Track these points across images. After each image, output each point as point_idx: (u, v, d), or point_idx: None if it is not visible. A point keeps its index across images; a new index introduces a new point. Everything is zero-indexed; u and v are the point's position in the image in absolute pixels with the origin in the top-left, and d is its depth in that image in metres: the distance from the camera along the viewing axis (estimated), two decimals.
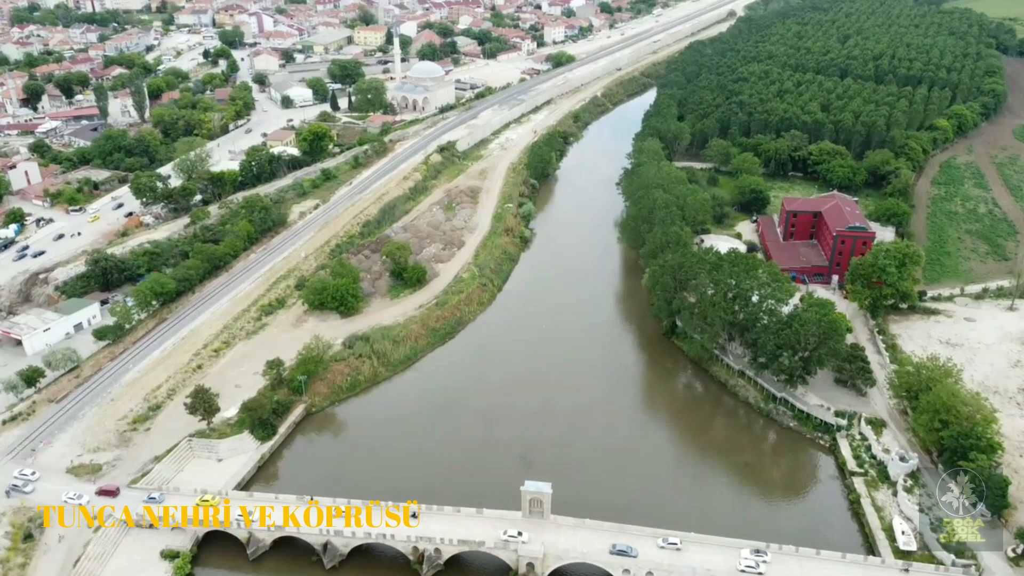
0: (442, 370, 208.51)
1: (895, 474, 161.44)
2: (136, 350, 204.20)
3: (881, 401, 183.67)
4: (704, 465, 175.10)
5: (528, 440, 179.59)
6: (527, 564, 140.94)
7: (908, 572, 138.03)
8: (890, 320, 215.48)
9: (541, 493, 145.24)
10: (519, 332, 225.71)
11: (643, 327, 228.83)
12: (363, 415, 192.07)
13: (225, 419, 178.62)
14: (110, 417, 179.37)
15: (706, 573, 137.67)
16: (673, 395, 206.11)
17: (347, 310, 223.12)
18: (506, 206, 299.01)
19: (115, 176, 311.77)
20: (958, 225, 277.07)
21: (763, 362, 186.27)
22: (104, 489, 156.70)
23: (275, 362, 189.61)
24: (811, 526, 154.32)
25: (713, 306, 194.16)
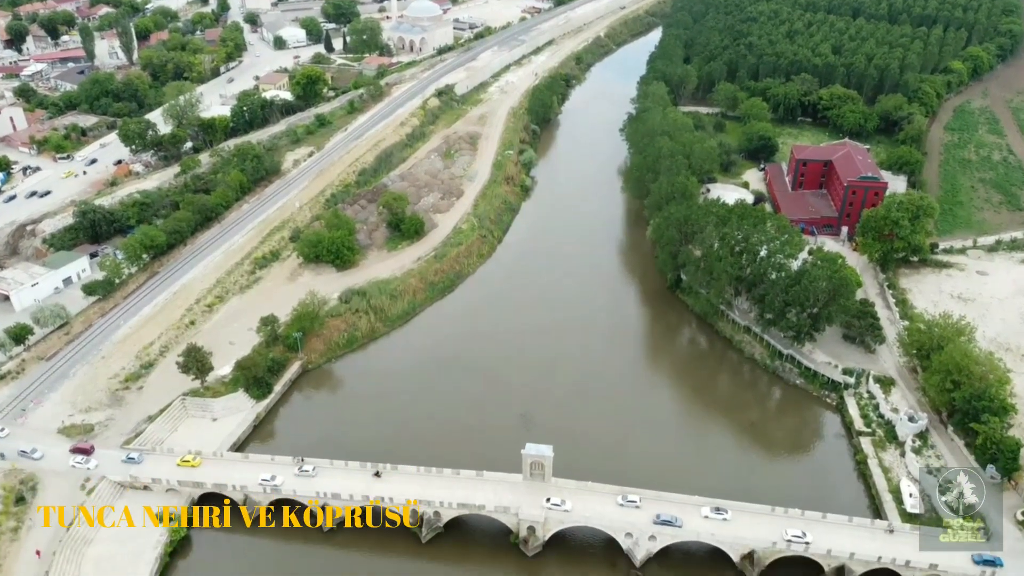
0: (441, 326, 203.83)
1: (903, 434, 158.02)
2: (127, 305, 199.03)
3: (890, 358, 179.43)
4: (709, 424, 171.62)
5: (529, 398, 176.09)
6: (528, 527, 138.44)
7: (892, 532, 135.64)
8: (900, 274, 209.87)
9: (542, 456, 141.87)
10: (519, 286, 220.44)
11: (647, 280, 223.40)
12: (360, 372, 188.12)
13: (219, 377, 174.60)
14: (101, 375, 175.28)
15: (710, 536, 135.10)
16: (677, 351, 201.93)
17: (343, 263, 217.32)
18: (506, 153, 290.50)
19: (103, 122, 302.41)
20: (971, 173, 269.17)
21: (770, 319, 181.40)
22: (78, 447, 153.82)
23: (269, 318, 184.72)
24: (817, 488, 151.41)
25: (719, 260, 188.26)
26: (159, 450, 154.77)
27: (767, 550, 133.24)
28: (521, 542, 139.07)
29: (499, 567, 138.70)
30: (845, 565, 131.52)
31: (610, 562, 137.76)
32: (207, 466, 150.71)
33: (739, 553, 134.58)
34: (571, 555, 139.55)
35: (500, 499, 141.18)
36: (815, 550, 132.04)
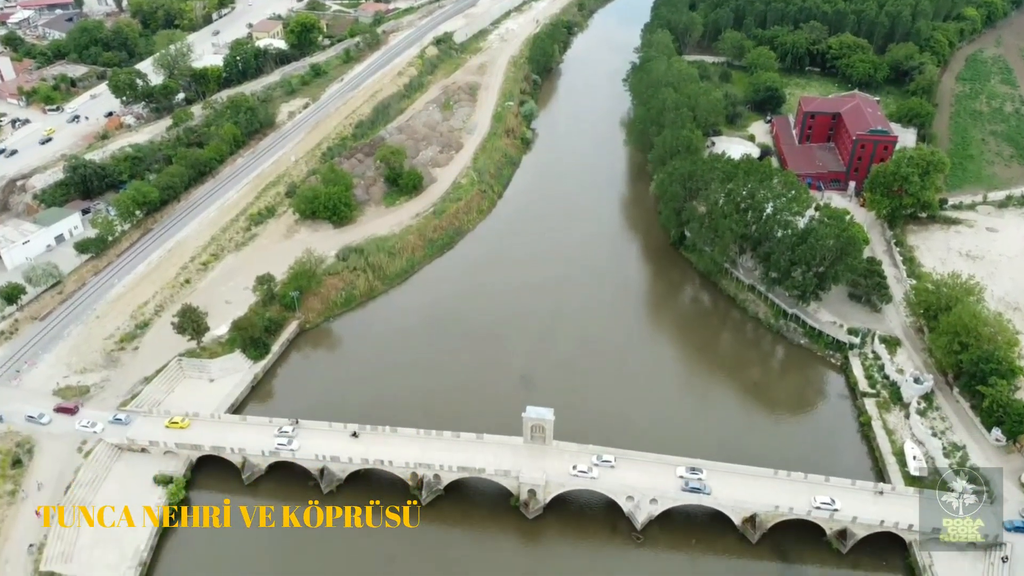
0: (440, 284, 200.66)
1: (908, 396, 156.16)
2: (120, 264, 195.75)
3: (896, 318, 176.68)
4: (712, 385, 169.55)
5: (529, 357, 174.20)
6: (528, 491, 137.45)
7: (882, 494, 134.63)
8: (908, 231, 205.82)
9: (543, 420, 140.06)
10: (520, 243, 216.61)
11: (650, 236, 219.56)
12: (359, 332, 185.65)
13: (216, 337, 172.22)
14: (96, 336, 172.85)
15: (712, 501, 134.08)
16: (680, 310, 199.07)
17: (340, 220, 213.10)
18: (506, 104, 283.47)
19: (93, 72, 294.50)
20: (982, 125, 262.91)
21: (775, 278, 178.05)
22: (62, 407, 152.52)
23: (265, 277, 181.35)
24: (820, 450, 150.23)
25: (725, 218, 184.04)
26: (155, 412, 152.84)
27: (769, 513, 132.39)
28: (521, 505, 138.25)
29: (499, 529, 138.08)
30: (847, 528, 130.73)
31: (611, 525, 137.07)
32: (205, 429, 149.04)
33: (741, 516, 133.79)
34: (571, 518, 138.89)
35: (500, 462, 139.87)
36: (818, 514, 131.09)
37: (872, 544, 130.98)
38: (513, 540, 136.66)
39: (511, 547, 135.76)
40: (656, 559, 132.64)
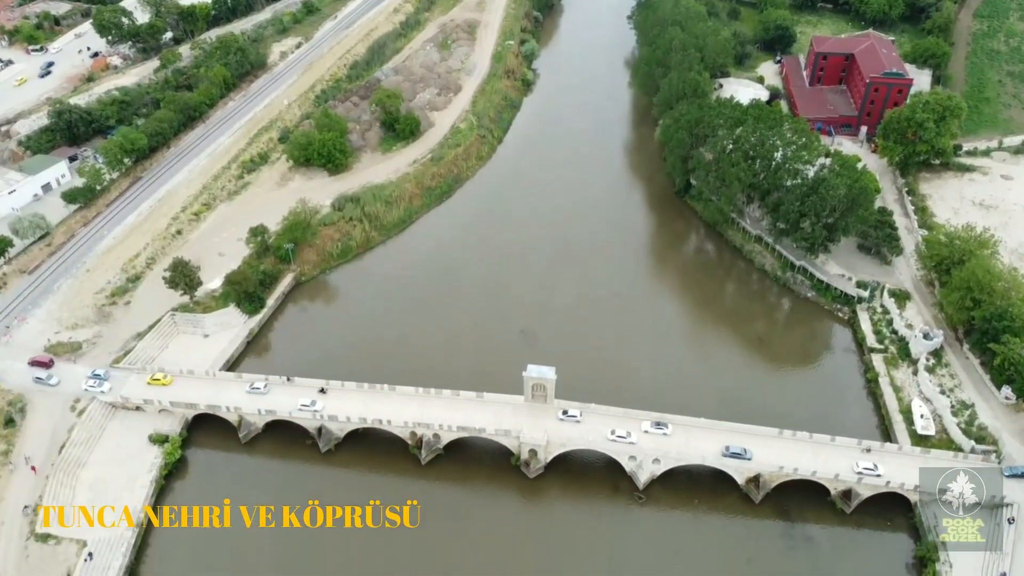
0: (438, 234, 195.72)
1: (917, 352, 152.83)
2: (110, 214, 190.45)
3: (907, 271, 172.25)
4: (716, 340, 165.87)
5: (530, 309, 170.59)
6: (529, 451, 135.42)
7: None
8: (920, 178, 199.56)
9: (544, 379, 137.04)
10: (520, 191, 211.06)
11: (654, 184, 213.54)
12: (356, 284, 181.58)
13: (209, 291, 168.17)
14: (87, 290, 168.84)
15: (716, 460, 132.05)
16: (685, 260, 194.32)
17: (335, 167, 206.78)
18: (506, 43, 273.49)
19: (76, 9, 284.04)
20: (999, 66, 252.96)
21: (784, 229, 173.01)
22: (36, 360, 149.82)
23: (259, 229, 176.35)
24: (826, 407, 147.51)
25: (733, 166, 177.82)
26: (141, 368, 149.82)
27: (773, 473, 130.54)
28: (522, 464, 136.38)
29: (500, 488, 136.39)
30: (852, 489, 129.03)
31: (612, 484, 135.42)
32: (202, 386, 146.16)
33: (744, 476, 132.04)
34: (573, 477, 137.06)
35: (501, 422, 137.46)
36: (822, 474, 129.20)
37: (876, 504, 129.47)
38: (514, 499, 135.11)
39: (512, 506, 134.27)
40: (658, 518, 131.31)
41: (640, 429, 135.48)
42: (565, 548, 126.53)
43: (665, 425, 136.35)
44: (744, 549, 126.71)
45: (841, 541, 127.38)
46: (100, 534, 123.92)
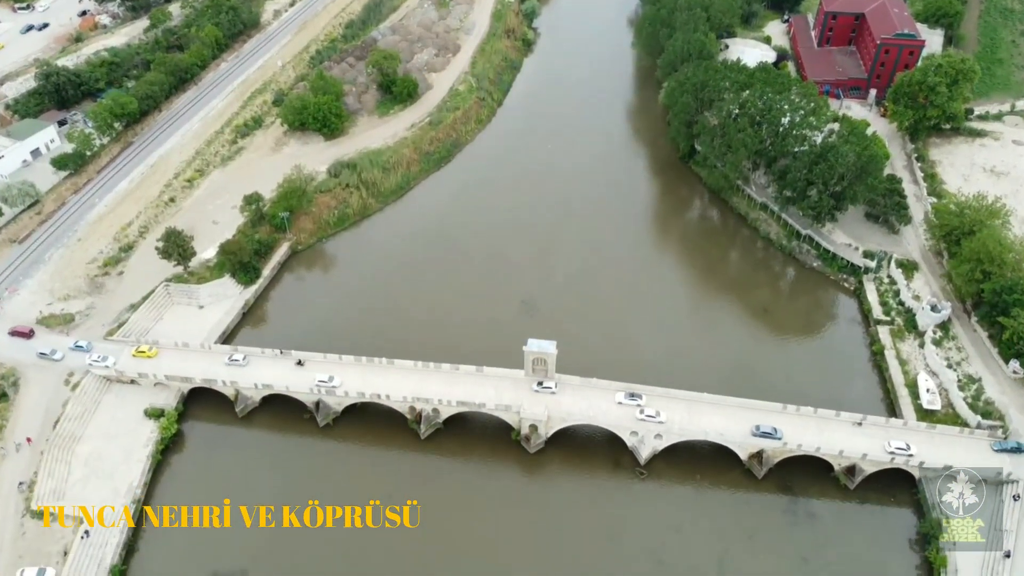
0: (437, 201, 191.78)
1: (924, 324, 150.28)
2: (101, 181, 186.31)
3: (915, 240, 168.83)
4: (720, 311, 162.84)
5: (530, 279, 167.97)
6: (530, 426, 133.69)
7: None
8: (930, 143, 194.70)
9: (545, 353, 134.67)
10: (521, 156, 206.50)
11: (657, 148, 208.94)
12: (353, 253, 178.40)
13: (204, 261, 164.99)
14: (79, 260, 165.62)
15: (719, 436, 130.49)
16: (688, 228, 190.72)
17: (331, 131, 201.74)
18: (506, 1, 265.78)
19: None
20: (1013, 26, 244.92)
21: (790, 197, 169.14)
22: (17, 330, 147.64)
23: (253, 197, 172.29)
24: (830, 380, 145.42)
25: (739, 132, 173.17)
26: (135, 340, 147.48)
27: (777, 449, 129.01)
28: (523, 439, 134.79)
29: (501, 463, 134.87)
30: (856, 464, 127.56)
31: (614, 460, 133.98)
32: (197, 360, 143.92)
33: (747, 452, 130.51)
34: (574, 452, 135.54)
35: (501, 396, 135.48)
36: (827, 450, 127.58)
37: (880, 480, 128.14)
38: (514, 474, 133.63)
39: (512, 481, 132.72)
40: (660, 494, 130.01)
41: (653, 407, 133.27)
42: (566, 523, 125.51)
43: (639, 396, 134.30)
44: (746, 525, 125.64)
45: (844, 517, 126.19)
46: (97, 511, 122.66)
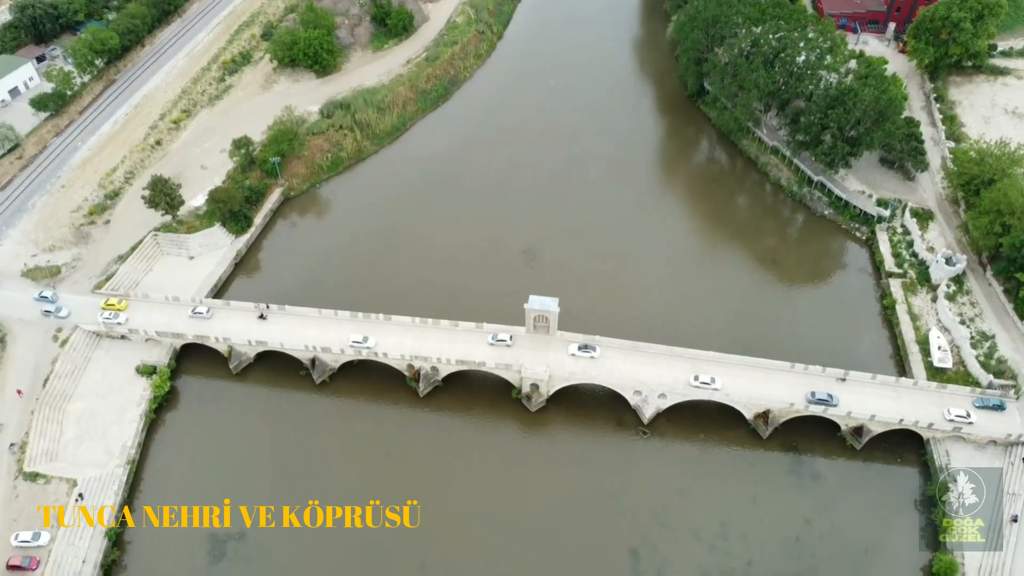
0: (434, 143, 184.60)
1: (938, 278, 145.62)
2: (83, 122, 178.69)
3: (931, 188, 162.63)
4: (726, 262, 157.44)
5: (531, 225, 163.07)
6: (531, 385, 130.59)
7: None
8: (950, 82, 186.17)
9: (547, 311, 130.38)
10: (521, 93, 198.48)
11: (664, 86, 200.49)
12: (348, 198, 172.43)
13: (193, 209, 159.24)
14: (63, 208, 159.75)
15: (725, 398, 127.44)
16: (695, 171, 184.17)
17: (323, 68, 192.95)
18: None
19: None
20: None
21: (804, 141, 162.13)
22: None
23: (242, 141, 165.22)
24: (840, 336, 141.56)
25: (752, 72, 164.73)
26: (124, 293, 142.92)
27: (783, 410, 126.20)
28: (524, 398, 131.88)
29: (501, 422, 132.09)
30: (864, 425, 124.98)
31: (616, 418, 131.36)
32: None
33: (753, 412, 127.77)
34: (575, 410, 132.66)
35: (502, 355, 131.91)
36: (834, 411, 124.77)
37: (887, 440, 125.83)
38: (515, 433, 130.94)
39: (512, 441, 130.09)
40: (663, 453, 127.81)
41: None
42: (567, 484, 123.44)
43: (593, 348, 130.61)
44: (750, 486, 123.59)
45: (849, 478, 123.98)
46: (90, 473, 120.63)
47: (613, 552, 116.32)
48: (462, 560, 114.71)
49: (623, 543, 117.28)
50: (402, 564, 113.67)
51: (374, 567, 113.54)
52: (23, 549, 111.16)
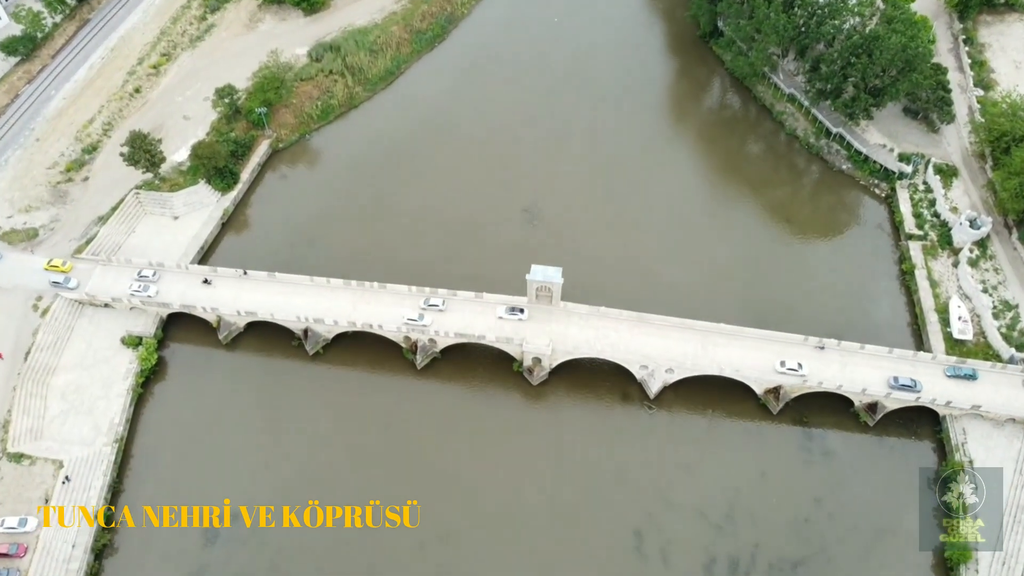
0: (430, 87, 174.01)
1: (960, 241, 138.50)
2: (56, 67, 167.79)
3: (956, 142, 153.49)
4: (737, 222, 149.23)
5: (533, 177, 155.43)
6: (533, 358, 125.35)
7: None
8: (980, 21, 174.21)
9: (550, 282, 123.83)
10: (523, 32, 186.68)
11: (675, 24, 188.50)
12: (339, 150, 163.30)
13: (176, 164, 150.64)
14: (38, 164, 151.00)
15: (734, 372, 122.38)
16: (705, 119, 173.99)
17: (310, 6, 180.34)
18: None
19: None
20: None
21: (823, 90, 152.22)
22: None
23: (226, 89, 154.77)
24: (856, 305, 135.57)
25: (770, 14, 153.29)
26: (106, 258, 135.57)
27: (795, 385, 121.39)
28: (525, 371, 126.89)
29: (501, 396, 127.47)
30: (879, 402, 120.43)
31: (621, 392, 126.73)
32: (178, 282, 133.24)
33: (764, 388, 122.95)
34: (578, 383, 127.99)
35: (502, 327, 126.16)
36: (849, 387, 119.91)
37: (902, 416, 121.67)
38: (516, 407, 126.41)
39: (513, 415, 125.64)
40: (669, 429, 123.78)
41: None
42: (570, 461, 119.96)
43: (521, 311, 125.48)
44: (758, 462, 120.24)
45: (861, 455, 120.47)
46: (77, 452, 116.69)
47: (617, 532, 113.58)
48: (461, 538, 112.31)
49: (627, 522, 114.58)
50: (402, 538, 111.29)
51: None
52: (10, 535, 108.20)
